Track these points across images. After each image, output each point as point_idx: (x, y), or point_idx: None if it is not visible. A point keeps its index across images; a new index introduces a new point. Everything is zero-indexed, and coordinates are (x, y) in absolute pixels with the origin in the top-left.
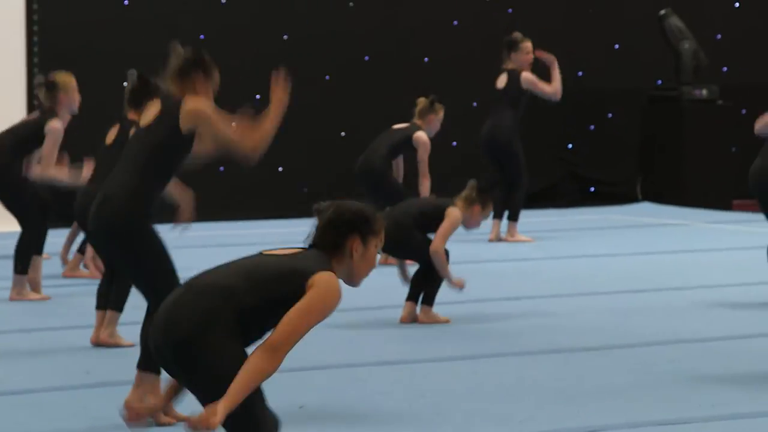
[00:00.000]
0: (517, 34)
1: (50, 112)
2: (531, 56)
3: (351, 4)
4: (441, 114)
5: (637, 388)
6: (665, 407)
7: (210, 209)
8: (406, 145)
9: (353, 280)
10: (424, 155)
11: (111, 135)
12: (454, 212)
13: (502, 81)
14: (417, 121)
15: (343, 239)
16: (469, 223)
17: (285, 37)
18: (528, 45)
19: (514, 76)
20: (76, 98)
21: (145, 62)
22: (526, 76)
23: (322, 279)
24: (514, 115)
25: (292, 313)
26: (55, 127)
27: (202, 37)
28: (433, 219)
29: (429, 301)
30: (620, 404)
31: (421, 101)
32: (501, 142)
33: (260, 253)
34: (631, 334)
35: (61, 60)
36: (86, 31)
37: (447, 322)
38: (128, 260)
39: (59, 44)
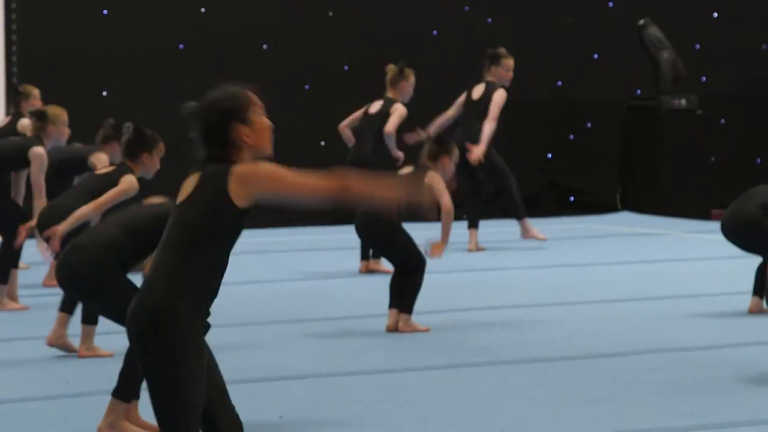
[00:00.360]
0: (502, 50)
1: (36, 139)
2: (511, 74)
3: (330, 13)
4: (412, 79)
5: (617, 397)
6: (645, 416)
7: None
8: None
9: (263, 152)
10: (395, 121)
11: (105, 170)
12: (434, 175)
13: (478, 92)
14: (389, 93)
15: (226, 136)
16: (444, 177)
17: (264, 46)
18: (510, 62)
19: (489, 89)
20: (65, 132)
21: (124, 70)
22: (500, 94)
23: (241, 172)
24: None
25: (283, 191)
26: (40, 153)
27: (181, 46)
28: None
29: (408, 309)
30: (600, 413)
31: (391, 69)
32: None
33: (175, 205)
34: (611, 344)
35: (40, 65)
36: (65, 37)
37: (426, 330)
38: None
39: (38, 49)
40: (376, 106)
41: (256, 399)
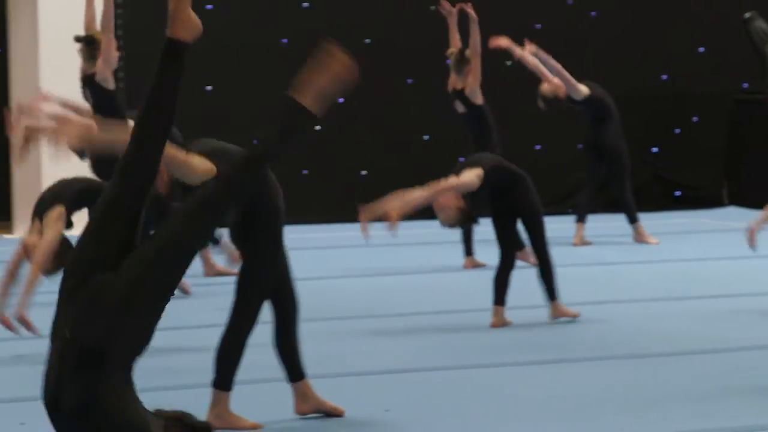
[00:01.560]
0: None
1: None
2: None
3: (432, 7)
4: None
5: (722, 394)
6: (750, 413)
7: (293, 212)
8: (479, 113)
9: None
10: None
11: None
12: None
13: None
14: (457, 83)
15: None
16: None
17: (367, 41)
18: None
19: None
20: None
21: (229, 62)
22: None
23: None
24: (611, 119)
25: None
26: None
27: (284, 41)
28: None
29: (553, 295)
30: (705, 410)
31: (453, 54)
32: (607, 144)
33: None
34: (716, 340)
35: (145, 61)
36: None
37: (576, 315)
38: None
39: (143, 46)
40: (460, 107)
41: (362, 392)
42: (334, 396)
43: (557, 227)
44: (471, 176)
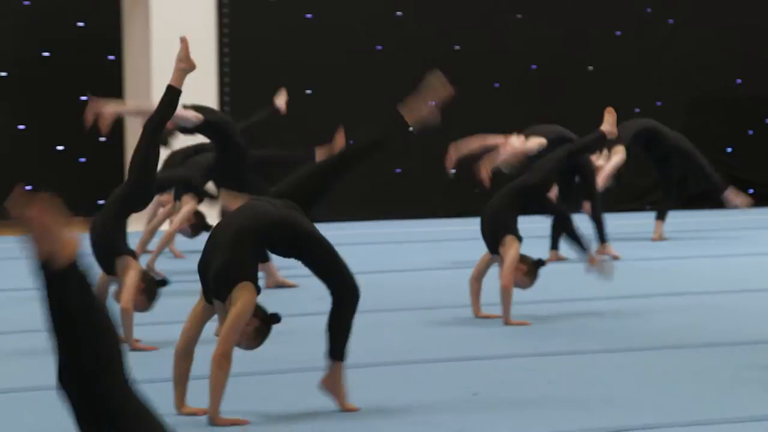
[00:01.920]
0: None
1: None
2: None
3: (519, 15)
4: None
5: None
6: None
7: (386, 208)
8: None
9: None
10: None
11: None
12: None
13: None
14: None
15: None
16: None
17: (456, 47)
18: None
19: None
20: None
21: (328, 67)
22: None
23: None
24: (663, 137)
25: None
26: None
27: (378, 48)
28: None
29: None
30: None
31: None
32: (670, 149)
33: None
34: None
35: (250, 72)
36: (272, 40)
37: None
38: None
39: (248, 57)
40: None
41: (449, 377)
42: (423, 381)
43: (635, 223)
44: (512, 252)
